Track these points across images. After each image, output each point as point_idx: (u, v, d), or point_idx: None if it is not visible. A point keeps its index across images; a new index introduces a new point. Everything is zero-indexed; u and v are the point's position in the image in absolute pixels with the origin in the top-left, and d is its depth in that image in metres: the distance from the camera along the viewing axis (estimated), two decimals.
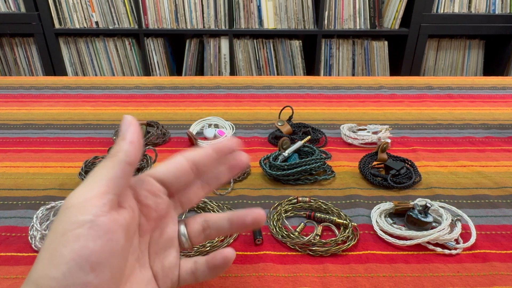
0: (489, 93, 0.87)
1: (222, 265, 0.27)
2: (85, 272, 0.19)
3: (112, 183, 0.22)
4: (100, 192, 0.21)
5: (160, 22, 1.79)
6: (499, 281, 0.36)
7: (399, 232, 0.40)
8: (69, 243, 0.20)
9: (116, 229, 0.21)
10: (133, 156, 0.23)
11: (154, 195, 0.26)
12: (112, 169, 0.22)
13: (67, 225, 0.20)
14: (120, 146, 0.23)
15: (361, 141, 0.62)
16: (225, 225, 0.28)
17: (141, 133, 0.24)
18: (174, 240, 0.28)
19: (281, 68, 1.89)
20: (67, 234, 0.20)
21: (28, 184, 0.52)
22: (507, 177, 0.53)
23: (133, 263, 0.25)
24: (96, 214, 0.21)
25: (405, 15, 1.79)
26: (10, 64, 1.92)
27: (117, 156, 0.23)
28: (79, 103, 0.81)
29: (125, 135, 0.23)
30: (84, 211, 0.20)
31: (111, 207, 0.22)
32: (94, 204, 0.21)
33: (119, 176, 0.22)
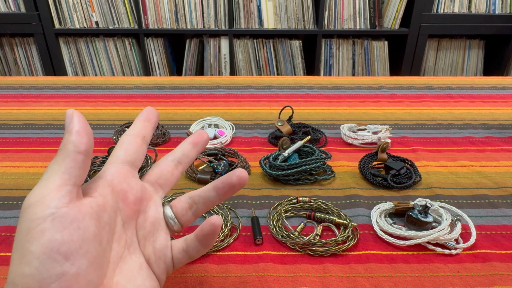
0: (489, 93, 0.87)
1: (210, 233, 0.27)
2: (59, 263, 0.19)
3: (66, 175, 0.22)
4: (56, 186, 0.21)
5: (160, 22, 1.79)
6: (499, 281, 0.36)
7: (399, 232, 0.40)
8: (35, 239, 0.19)
9: (82, 217, 0.21)
10: (82, 144, 0.23)
11: (125, 177, 0.26)
12: (63, 161, 0.22)
13: (29, 223, 0.20)
14: (66, 139, 0.23)
15: (361, 141, 0.62)
16: (212, 195, 0.29)
17: (86, 122, 0.24)
18: (160, 222, 0.28)
19: (281, 68, 1.89)
20: (31, 231, 0.20)
21: (28, 184, 0.52)
22: (507, 177, 0.53)
23: (121, 250, 0.25)
24: (56, 206, 0.20)
25: (405, 15, 1.79)
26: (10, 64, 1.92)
27: (65, 149, 0.22)
28: (79, 103, 0.81)
29: (70, 127, 0.23)
30: (44, 207, 0.20)
31: (72, 198, 0.21)
32: (52, 198, 0.21)
33: (72, 167, 0.22)
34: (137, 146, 0.28)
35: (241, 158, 0.56)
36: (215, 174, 0.52)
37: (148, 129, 0.29)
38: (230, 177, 0.28)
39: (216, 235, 0.28)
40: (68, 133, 0.23)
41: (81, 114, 0.24)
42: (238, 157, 0.56)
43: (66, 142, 0.23)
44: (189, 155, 0.31)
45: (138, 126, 0.29)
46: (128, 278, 0.24)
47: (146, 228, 0.27)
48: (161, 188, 0.29)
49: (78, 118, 0.23)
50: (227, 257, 0.38)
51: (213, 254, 0.39)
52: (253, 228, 0.42)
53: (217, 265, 0.37)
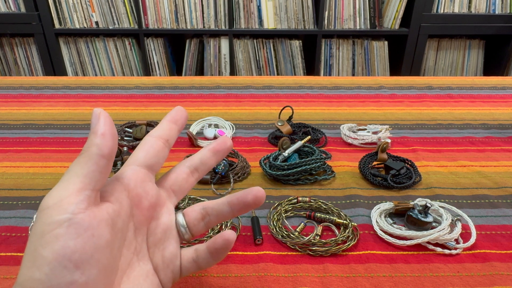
0: (489, 93, 0.87)
1: (223, 248, 0.27)
2: (69, 271, 0.19)
3: (87, 179, 0.21)
4: (76, 189, 0.21)
5: (160, 22, 1.79)
6: (499, 281, 0.36)
7: (399, 232, 0.40)
8: (49, 244, 0.19)
9: (97, 224, 0.21)
10: (106, 148, 0.22)
11: (142, 182, 0.26)
12: (85, 164, 0.22)
13: (44, 227, 0.20)
14: (91, 141, 0.22)
15: (361, 141, 0.62)
16: (225, 209, 0.28)
17: (112, 124, 0.23)
18: (172, 230, 0.27)
19: (281, 68, 1.89)
20: (46, 235, 0.19)
21: (28, 184, 0.52)
22: (507, 177, 0.53)
23: (130, 256, 0.24)
24: (73, 212, 0.20)
25: (405, 15, 1.79)
26: (10, 64, 1.92)
27: (89, 151, 0.22)
28: (79, 103, 0.81)
29: (95, 128, 0.22)
30: (60, 211, 0.20)
31: (90, 203, 0.21)
32: (70, 202, 0.20)
33: (94, 170, 0.22)
34: (158, 149, 0.27)
35: (241, 158, 0.56)
36: (215, 174, 0.52)
37: (173, 131, 0.28)
38: (246, 195, 0.27)
39: (229, 250, 0.27)
40: (94, 134, 0.22)
41: (108, 114, 0.23)
42: (238, 157, 0.56)
43: (91, 144, 0.22)
44: (208, 163, 0.29)
45: (163, 127, 0.28)
46: (134, 286, 0.24)
47: (157, 235, 0.26)
48: (175, 195, 0.28)
49: (105, 119, 0.23)
50: (227, 257, 0.38)
51: None
52: (253, 228, 0.42)
53: (217, 265, 0.37)
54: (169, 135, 0.28)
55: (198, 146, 0.62)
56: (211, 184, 0.51)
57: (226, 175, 0.52)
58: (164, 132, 0.28)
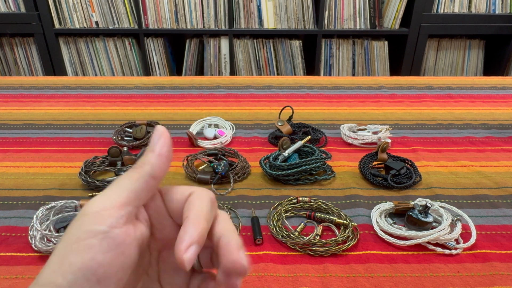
0: (489, 93, 0.87)
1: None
2: (90, 284, 0.19)
3: (134, 195, 0.21)
4: (120, 202, 0.21)
5: (160, 22, 1.79)
6: (499, 281, 0.36)
7: (399, 232, 0.40)
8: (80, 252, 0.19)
9: (129, 242, 0.21)
10: (159, 170, 0.22)
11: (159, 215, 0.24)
12: (135, 181, 0.21)
13: (80, 233, 0.20)
14: (147, 158, 0.22)
15: (361, 141, 0.62)
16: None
17: (171, 146, 0.23)
18: None
19: (281, 68, 1.89)
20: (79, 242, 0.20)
21: (28, 184, 0.52)
22: (507, 177, 0.53)
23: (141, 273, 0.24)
24: (111, 225, 0.20)
25: (405, 15, 1.78)
26: (10, 64, 1.92)
27: (142, 168, 0.22)
28: (79, 103, 0.81)
29: (154, 147, 0.22)
30: (99, 221, 0.20)
31: (128, 220, 0.21)
32: (111, 214, 0.20)
33: (142, 189, 0.22)
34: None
35: (241, 158, 0.56)
36: (215, 174, 0.52)
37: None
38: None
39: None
40: (151, 153, 0.22)
41: (169, 135, 0.23)
42: (238, 157, 0.56)
43: (146, 161, 0.22)
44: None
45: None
46: None
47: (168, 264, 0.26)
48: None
49: (165, 140, 0.23)
50: None
51: None
52: (253, 228, 0.42)
53: None
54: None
55: (198, 146, 0.62)
56: (211, 184, 0.51)
57: (226, 175, 0.52)
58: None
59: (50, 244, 0.39)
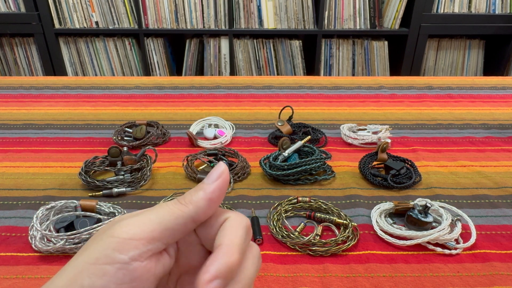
0: (489, 93, 0.87)
1: None
2: None
3: (168, 233, 0.20)
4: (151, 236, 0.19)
5: (160, 22, 1.79)
6: (499, 281, 0.36)
7: (399, 232, 0.40)
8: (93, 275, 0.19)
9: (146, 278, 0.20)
10: (203, 214, 0.20)
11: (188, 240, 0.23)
12: (175, 219, 0.20)
13: (100, 255, 0.19)
14: (196, 197, 0.20)
15: (361, 141, 0.62)
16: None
17: (226, 189, 0.21)
18: None
19: (281, 68, 1.89)
20: (96, 265, 0.19)
21: (28, 184, 0.52)
22: (507, 177, 0.53)
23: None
24: (133, 257, 0.19)
25: (405, 15, 1.78)
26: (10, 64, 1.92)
27: (188, 208, 0.20)
28: (79, 103, 0.81)
29: (209, 188, 0.20)
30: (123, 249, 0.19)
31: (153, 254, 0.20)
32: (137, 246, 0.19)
33: (179, 229, 0.20)
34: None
35: (241, 158, 0.56)
36: None
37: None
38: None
39: None
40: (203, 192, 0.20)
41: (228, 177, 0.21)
42: (238, 157, 0.56)
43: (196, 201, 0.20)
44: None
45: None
46: None
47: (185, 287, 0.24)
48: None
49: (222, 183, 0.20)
50: None
51: None
52: (253, 228, 0.42)
53: None
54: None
55: (198, 146, 0.62)
56: None
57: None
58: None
59: (50, 244, 0.39)
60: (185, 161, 0.56)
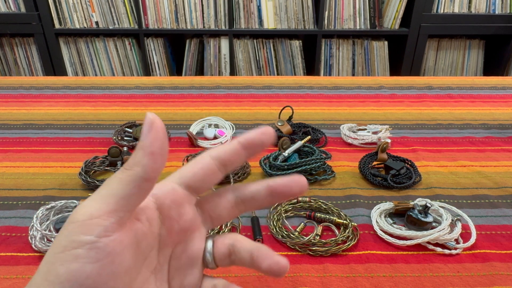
0: (489, 93, 0.87)
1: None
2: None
3: (125, 201, 0.20)
4: (108, 210, 0.19)
5: (160, 22, 1.79)
6: (499, 281, 0.36)
7: (399, 232, 0.40)
8: (66, 262, 0.19)
9: (120, 250, 0.20)
10: (153, 171, 0.20)
11: (178, 205, 0.23)
12: (126, 186, 0.20)
13: (67, 243, 0.19)
14: (138, 158, 0.20)
15: (361, 141, 0.62)
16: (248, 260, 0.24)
17: (165, 136, 0.20)
18: (198, 259, 0.24)
19: (281, 68, 1.89)
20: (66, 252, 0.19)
21: (28, 184, 0.52)
22: (507, 177, 0.53)
23: (147, 275, 0.23)
24: (99, 235, 0.19)
25: (405, 15, 1.79)
26: (10, 64, 1.92)
27: (133, 171, 0.20)
28: (79, 103, 0.81)
29: (145, 144, 0.20)
30: (86, 230, 0.19)
31: (120, 226, 0.20)
32: (98, 223, 0.19)
33: (134, 194, 0.20)
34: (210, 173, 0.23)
35: None
36: None
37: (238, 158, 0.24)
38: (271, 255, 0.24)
39: None
40: (142, 151, 0.20)
41: (161, 122, 0.20)
42: None
43: (137, 162, 0.20)
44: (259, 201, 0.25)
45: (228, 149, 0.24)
46: None
47: (181, 260, 0.24)
48: (211, 222, 0.25)
49: (156, 133, 0.20)
50: None
51: None
52: (253, 228, 0.42)
53: None
54: (229, 160, 0.24)
55: (198, 146, 0.62)
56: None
57: (226, 175, 0.52)
58: (226, 156, 0.23)
59: (50, 244, 0.39)
60: (185, 161, 0.56)
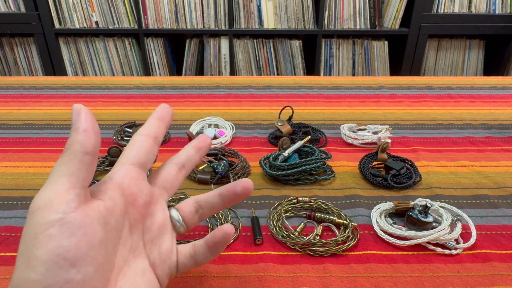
0: (489, 93, 0.87)
1: (222, 241, 0.28)
2: (65, 270, 0.19)
3: (74, 177, 0.21)
4: (64, 189, 0.21)
5: (160, 22, 1.79)
6: (499, 281, 0.36)
7: (399, 232, 0.40)
8: (42, 244, 0.19)
9: (89, 222, 0.21)
10: (89, 145, 0.22)
11: (136, 180, 0.26)
12: (70, 163, 0.21)
13: (37, 228, 0.20)
14: (73, 138, 0.22)
15: (361, 141, 0.62)
16: (217, 201, 0.29)
17: (94, 119, 0.23)
18: (167, 225, 0.28)
19: (281, 68, 1.89)
20: (39, 236, 0.19)
21: (28, 184, 0.52)
22: (507, 177, 0.53)
23: (126, 254, 0.25)
24: (65, 211, 0.20)
25: (405, 15, 1.79)
26: (10, 64, 1.92)
27: (72, 149, 0.22)
28: (79, 103, 0.81)
29: (77, 125, 0.22)
30: (51, 211, 0.20)
31: (80, 202, 0.21)
32: (60, 202, 0.20)
33: (79, 169, 0.21)
34: (149, 147, 0.27)
35: (241, 158, 0.56)
36: (215, 174, 0.52)
37: (161, 128, 0.29)
38: (235, 186, 0.29)
39: (227, 243, 0.28)
40: (75, 132, 0.22)
41: (88, 109, 0.23)
42: (238, 157, 0.56)
43: (73, 141, 0.22)
44: (193, 159, 0.31)
45: (151, 125, 0.28)
46: (131, 283, 0.24)
47: (153, 232, 0.27)
48: (166, 192, 0.29)
49: (86, 115, 0.22)
50: (227, 257, 0.38)
51: None
52: (253, 228, 0.42)
53: (217, 265, 0.37)
54: (157, 132, 0.28)
55: None
56: (211, 184, 0.51)
57: (226, 175, 0.52)
58: (153, 130, 0.28)
59: None
60: None
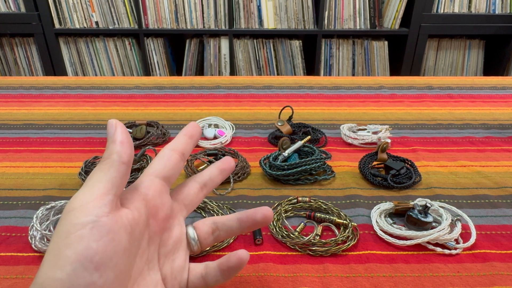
0: (489, 93, 0.87)
1: (236, 266, 0.28)
2: (89, 273, 0.20)
3: (110, 184, 0.23)
4: (100, 194, 0.22)
5: (160, 22, 1.79)
6: (499, 281, 0.36)
7: (399, 232, 0.40)
8: (73, 244, 0.20)
9: (118, 229, 0.22)
10: (126, 155, 0.24)
11: (159, 193, 0.27)
12: (108, 171, 0.23)
13: (69, 227, 0.20)
14: (111, 149, 0.24)
15: (361, 141, 0.62)
16: (235, 225, 0.30)
17: (128, 133, 0.25)
18: (182, 242, 0.29)
19: (281, 68, 1.89)
20: (70, 236, 0.20)
21: (28, 184, 0.52)
22: (507, 177, 0.53)
23: (142, 265, 0.25)
24: (97, 214, 0.21)
25: (405, 15, 1.79)
26: (10, 64, 1.92)
27: (110, 158, 0.23)
28: (79, 103, 0.81)
29: (114, 137, 0.24)
30: (86, 213, 0.21)
31: (112, 208, 0.22)
32: (95, 205, 0.21)
33: (116, 177, 0.23)
34: (175, 162, 0.28)
35: (241, 158, 0.56)
36: None
37: (189, 145, 0.29)
38: (256, 213, 0.29)
39: (240, 269, 0.28)
40: (113, 143, 0.24)
41: (123, 124, 0.25)
42: (238, 157, 0.56)
43: (111, 152, 0.24)
44: (215, 180, 0.32)
45: (180, 141, 0.29)
46: None
47: (168, 246, 0.27)
48: (185, 208, 0.30)
49: (121, 128, 0.24)
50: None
51: (213, 254, 0.39)
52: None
53: None
54: (185, 148, 0.29)
55: (198, 146, 0.63)
56: None
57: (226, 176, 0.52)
58: (181, 146, 0.29)
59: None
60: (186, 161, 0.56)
